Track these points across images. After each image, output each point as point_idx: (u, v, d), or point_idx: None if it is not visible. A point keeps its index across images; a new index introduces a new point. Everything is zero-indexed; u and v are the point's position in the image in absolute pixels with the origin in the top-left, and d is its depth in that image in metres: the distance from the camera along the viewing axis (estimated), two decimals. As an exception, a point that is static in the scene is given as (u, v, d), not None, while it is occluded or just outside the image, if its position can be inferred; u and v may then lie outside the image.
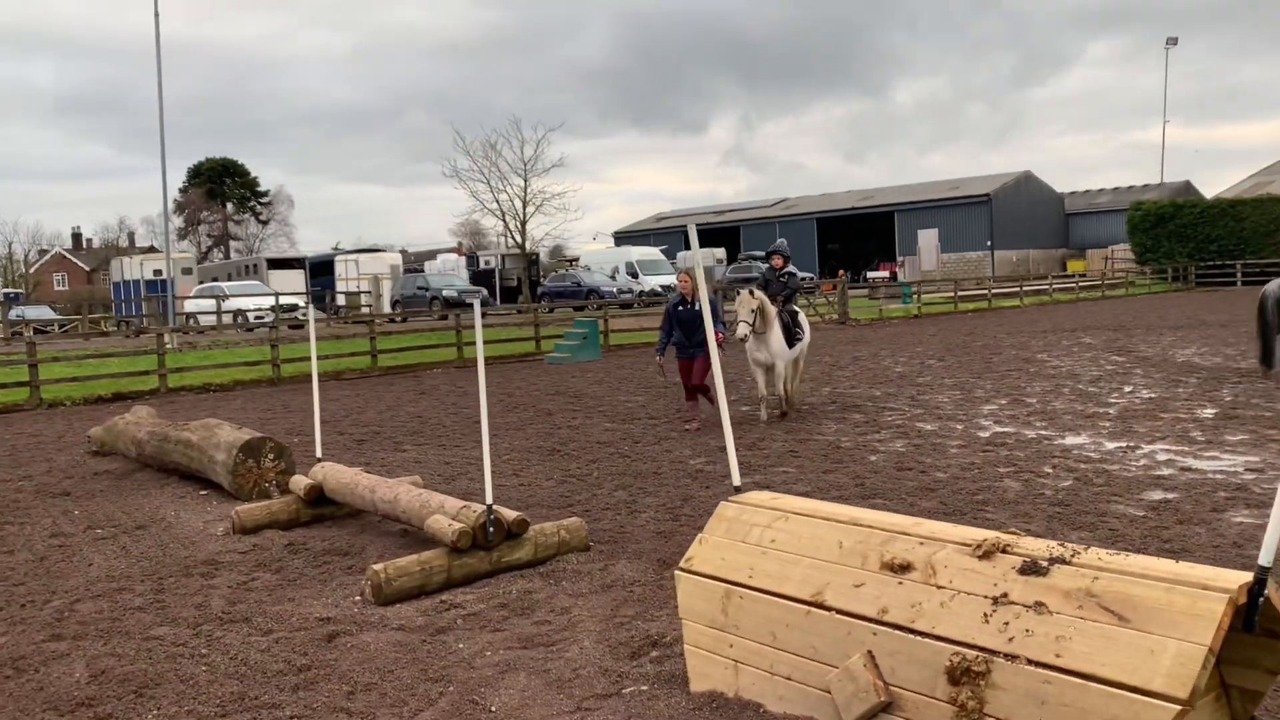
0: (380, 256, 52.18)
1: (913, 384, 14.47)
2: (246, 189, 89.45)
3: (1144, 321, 25.80)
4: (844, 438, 10.13)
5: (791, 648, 3.73)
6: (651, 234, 71.00)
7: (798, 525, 3.98)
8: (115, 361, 19.96)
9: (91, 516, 8.07)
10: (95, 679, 4.59)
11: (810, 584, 3.75)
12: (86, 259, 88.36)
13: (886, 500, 7.21)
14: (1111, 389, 12.96)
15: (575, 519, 6.50)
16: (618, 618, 5.08)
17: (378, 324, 23.95)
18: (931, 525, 3.78)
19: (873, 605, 3.54)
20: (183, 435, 9.15)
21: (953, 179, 65.74)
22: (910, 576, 3.54)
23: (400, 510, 6.44)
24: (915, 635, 3.39)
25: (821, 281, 44.31)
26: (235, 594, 5.81)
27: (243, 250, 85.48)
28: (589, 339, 22.05)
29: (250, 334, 31.59)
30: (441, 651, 4.74)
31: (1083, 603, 3.13)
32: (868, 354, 19.82)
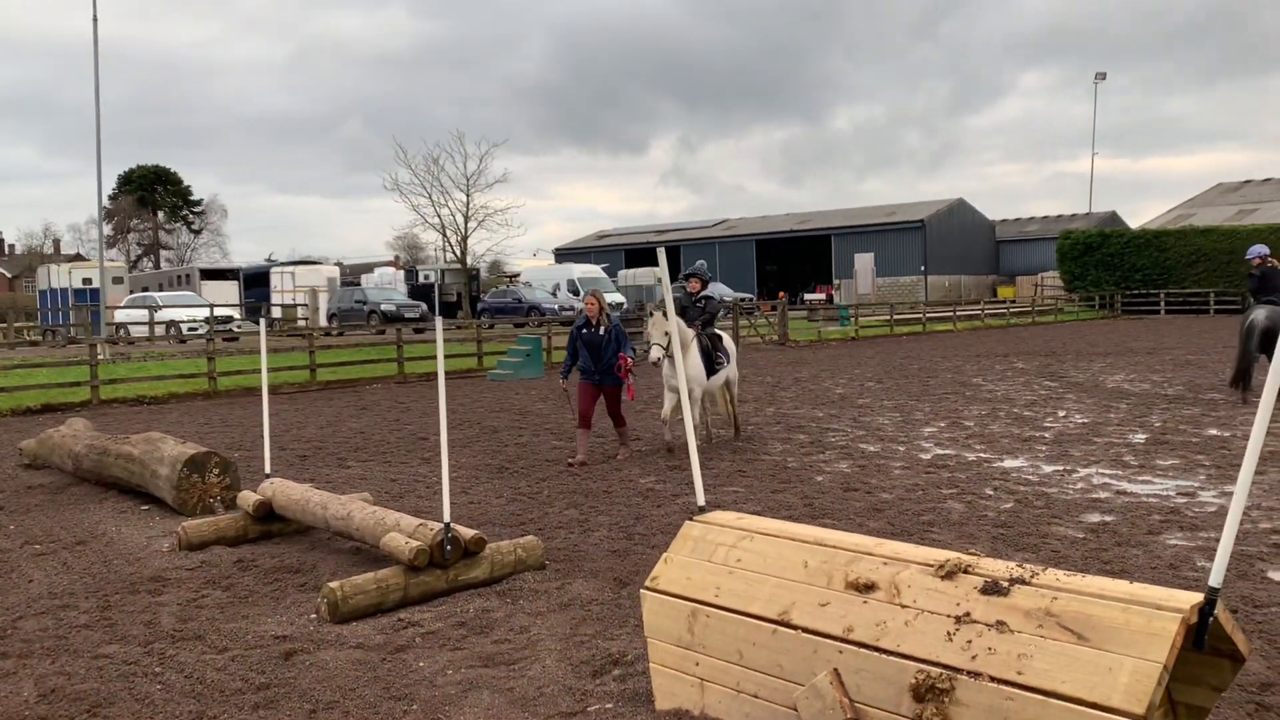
0: (317, 269, 51.55)
1: (854, 405, 14.72)
2: (178, 197, 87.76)
3: (1073, 348, 26.52)
4: (790, 458, 10.27)
5: (758, 666, 3.80)
6: (592, 251, 71.16)
7: (763, 545, 4.06)
8: (44, 372, 19.44)
9: (28, 531, 7.87)
10: (45, 698, 4.49)
11: (777, 603, 3.83)
12: (9, 265, 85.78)
13: (835, 520, 7.35)
14: (1046, 413, 13.32)
15: (531, 538, 6.51)
16: (578, 636, 5.11)
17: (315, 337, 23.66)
18: (894, 546, 3.89)
19: (839, 624, 3.63)
20: (124, 449, 8.97)
21: (889, 204, 67.02)
22: (875, 596, 3.64)
23: (354, 528, 6.40)
24: (880, 653, 3.48)
25: (761, 302, 44.78)
26: (185, 611, 5.72)
27: (173, 260, 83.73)
28: (532, 356, 22.03)
29: (184, 346, 30.95)
30: (402, 670, 4.73)
31: (1043, 622, 3.25)
32: (808, 375, 20.09)
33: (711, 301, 11.40)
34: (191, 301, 38.72)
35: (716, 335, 11.30)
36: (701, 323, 11.12)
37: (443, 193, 52.33)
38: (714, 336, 11.24)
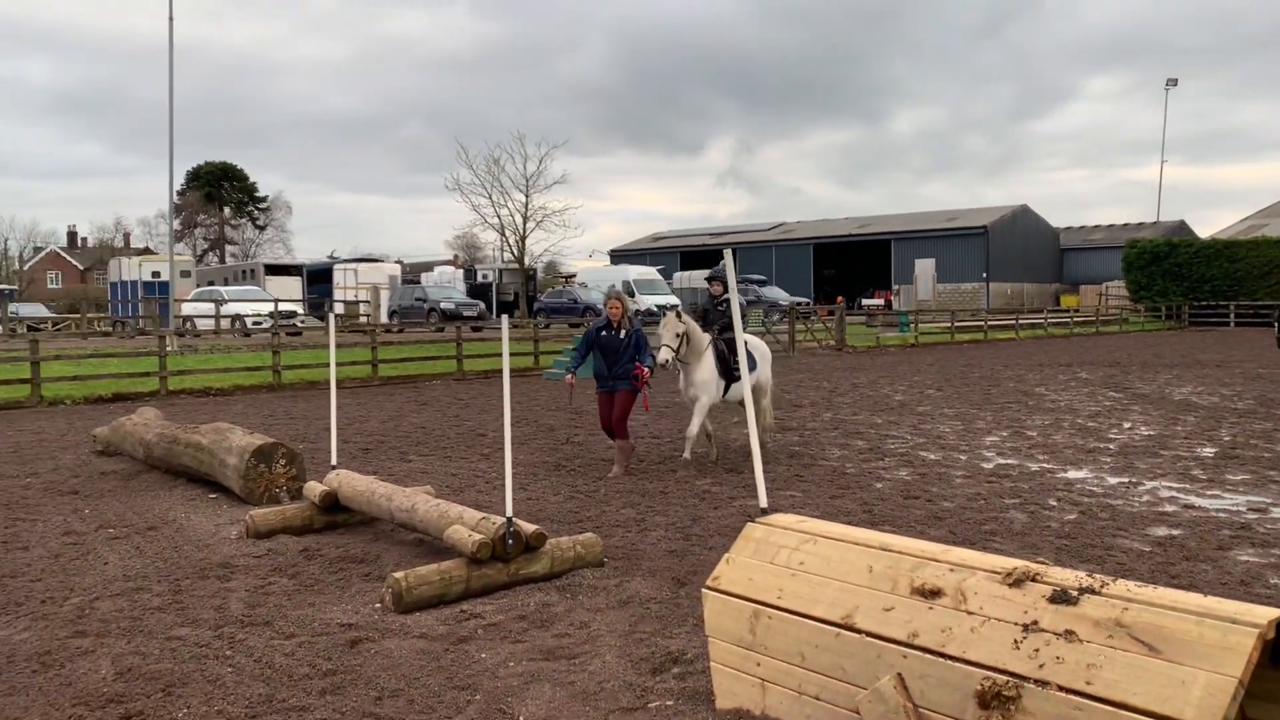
0: (379, 266, 52.25)
1: (913, 412, 14.59)
2: (244, 194, 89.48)
3: (1139, 359, 26.01)
4: (848, 464, 10.22)
5: (820, 668, 3.81)
6: (648, 253, 71.24)
7: (827, 548, 4.07)
8: (115, 362, 19.97)
9: (102, 516, 8.10)
10: (122, 676, 4.64)
11: (840, 606, 3.83)
12: (81, 258, 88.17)
13: (895, 527, 7.30)
14: (1110, 425, 13.09)
15: (590, 535, 6.57)
16: (637, 633, 5.14)
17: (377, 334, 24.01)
18: (960, 552, 3.87)
19: (903, 629, 3.62)
20: (193, 438, 9.19)
21: (950, 210, 66.19)
22: (940, 602, 3.62)
23: (418, 519, 6.51)
24: (946, 659, 3.47)
25: (818, 307, 44.53)
26: (253, 597, 5.86)
27: (238, 255, 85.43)
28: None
29: (248, 339, 31.58)
30: (465, 660, 4.80)
31: (1113, 632, 3.21)
32: (866, 381, 19.95)
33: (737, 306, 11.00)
34: (256, 296, 39.49)
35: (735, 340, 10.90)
36: (720, 327, 10.40)
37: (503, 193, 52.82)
38: (732, 340, 10.14)
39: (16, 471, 10.20)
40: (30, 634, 5.25)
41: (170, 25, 26.54)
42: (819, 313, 39.51)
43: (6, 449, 11.78)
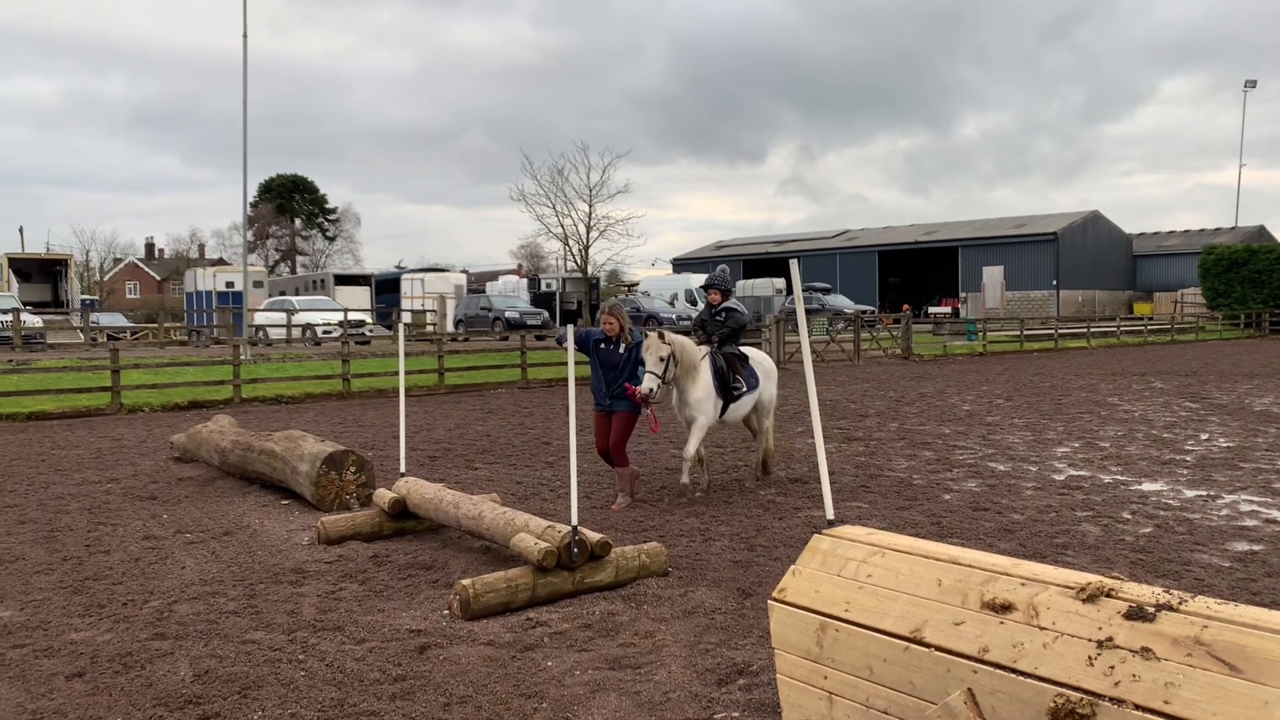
0: (445, 276, 52.94)
1: (982, 423, 14.37)
2: (315, 205, 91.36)
3: (1216, 368, 25.30)
4: (915, 475, 10.10)
5: (889, 682, 3.77)
6: (710, 261, 71.16)
7: (895, 561, 4.03)
8: (191, 370, 20.49)
9: (179, 521, 8.32)
10: (199, 678, 4.76)
11: (909, 620, 3.78)
12: (158, 269, 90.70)
13: (964, 540, 7.20)
14: (1187, 435, 12.75)
15: (655, 544, 6.58)
16: (702, 644, 5.14)
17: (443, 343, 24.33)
18: (1032, 566, 3.80)
19: (973, 644, 3.57)
20: (266, 445, 9.40)
21: (1019, 216, 65.13)
22: (1012, 616, 3.57)
23: (485, 527, 6.58)
24: (1017, 675, 3.41)
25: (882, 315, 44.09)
26: (325, 602, 5.97)
27: (309, 265, 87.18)
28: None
29: (319, 348, 32.22)
30: (531, 668, 4.84)
31: (1192, 650, 3.13)
32: (933, 390, 19.69)
33: (735, 315, 9.46)
34: (326, 306, 40.23)
35: (739, 355, 9.47)
36: (720, 339, 9.35)
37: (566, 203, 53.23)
38: (734, 356, 9.36)
39: (99, 477, 10.52)
40: (112, 635, 5.41)
41: (245, 42, 27.22)
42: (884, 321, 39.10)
43: (89, 455, 12.16)
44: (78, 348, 32.90)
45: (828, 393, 19.16)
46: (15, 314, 33.33)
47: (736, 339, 9.52)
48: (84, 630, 5.52)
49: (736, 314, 9.50)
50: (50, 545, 7.52)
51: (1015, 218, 65.13)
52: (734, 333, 9.44)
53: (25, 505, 9.04)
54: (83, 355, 27.00)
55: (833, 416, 15.16)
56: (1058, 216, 62.14)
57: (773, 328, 27.22)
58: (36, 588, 6.38)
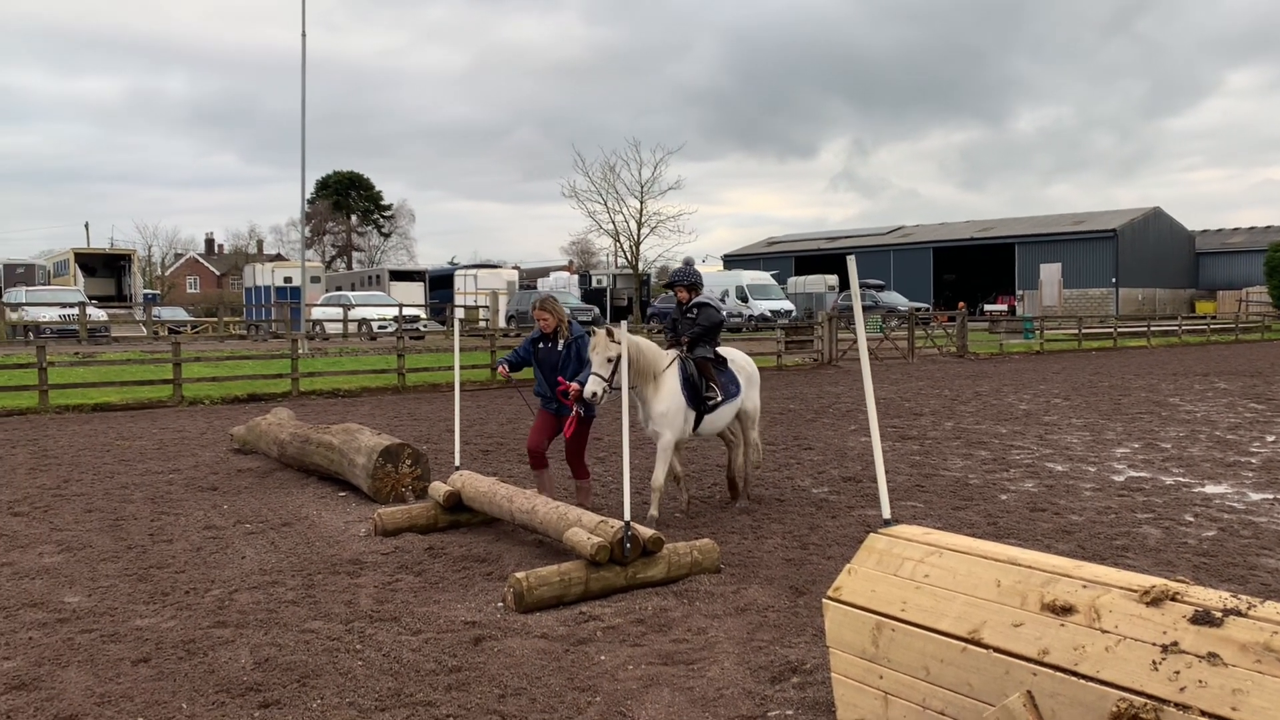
0: (498, 272, 53.36)
1: (1039, 422, 14.15)
2: (370, 202, 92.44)
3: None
4: (971, 475, 9.98)
5: (946, 683, 3.73)
6: (762, 258, 70.88)
7: (953, 561, 3.98)
8: (250, 364, 20.87)
9: (239, 512, 8.48)
10: (260, 666, 4.85)
11: (967, 621, 3.74)
12: (218, 264, 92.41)
13: (1021, 540, 7.10)
14: (1252, 437, 12.45)
15: (707, 540, 6.58)
16: (755, 641, 5.13)
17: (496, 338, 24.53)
18: (1093, 568, 3.74)
19: (1033, 646, 3.53)
20: (324, 438, 9.54)
21: (1077, 213, 64.04)
22: (1073, 619, 3.51)
23: (538, 521, 6.62)
24: (1078, 678, 3.36)
25: (937, 313, 43.58)
26: (381, 593, 6.05)
27: (364, 261, 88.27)
28: (703, 362, 22.14)
29: (374, 343, 32.63)
30: (584, 662, 4.87)
31: (1261, 657, 3.06)
32: (989, 389, 19.43)
33: (707, 311, 8.25)
34: (381, 301, 40.75)
35: (718, 357, 8.25)
36: (691, 339, 8.14)
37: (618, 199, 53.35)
38: (708, 360, 8.11)
39: (161, 467, 10.75)
40: (175, 623, 5.54)
41: (303, 42, 27.62)
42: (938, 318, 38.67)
43: (152, 446, 12.43)
44: (141, 341, 33.64)
45: (881, 391, 18.99)
46: (81, 308, 34.20)
47: (712, 339, 8.23)
48: (149, 617, 5.65)
49: (709, 309, 8.26)
50: (116, 534, 7.71)
51: (1074, 214, 64.03)
52: (707, 331, 8.17)
53: (92, 494, 9.27)
54: (145, 348, 27.61)
55: (887, 415, 15.03)
56: (1117, 213, 60.99)
57: (824, 325, 27.04)
58: (103, 575, 6.54)
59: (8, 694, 4.55)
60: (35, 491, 9.42)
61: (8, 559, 6.96)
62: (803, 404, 16.78)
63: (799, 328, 31.27)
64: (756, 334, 34.38)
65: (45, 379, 16.43)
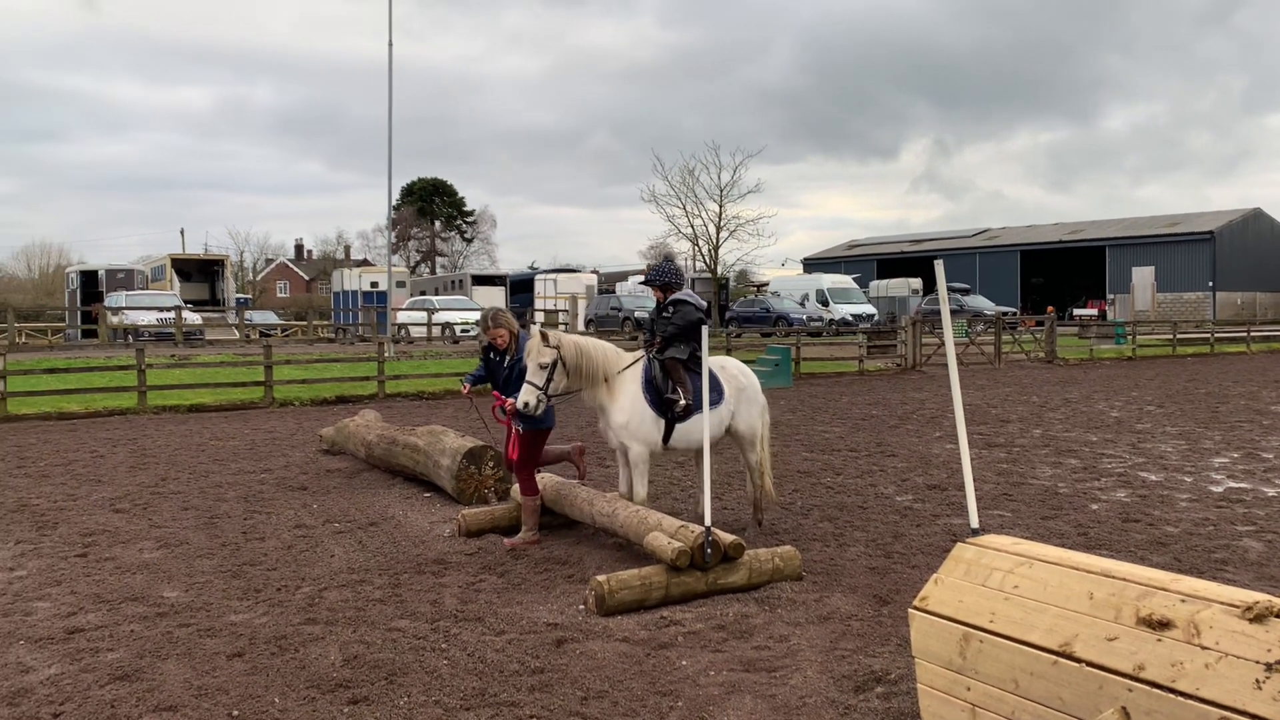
0: (577, 277, 53.73)
1: (1132, 430, 13.74)
2: (454, 208, 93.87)
3: (1395, 376, 23.55)
4: (1060, 483, 9.73)
5: (1035, 697, 3.65)
6: (842, 262, 70.16)
7: (1043, 572, 3.90)
8: (338, 366, 21.36)
9: (328, 511, 8.68)
10: (349, 663, 4.96)
11: (1058, 634, 3.66)
12: (306, 269, 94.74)
13: (1114, 552, 6.90)
14: (1361, 448, 11.92)
15: (789, 547, 6.53)
16: (838, 650, 5.08)
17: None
18: (1191, 582, 3.63)
19: (1128, 661, 3.43)
20: (410, 440, 9.72)
21: (1172, 214, 62.08)
22: (1170, 634, 3.41)
23: (618, 525, 6.65)
24: (1176, 695, 3.26)
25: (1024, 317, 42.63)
26: (465, 594, 6.14)
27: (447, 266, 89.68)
28: (781, 366, 22.00)
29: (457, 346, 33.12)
30: (666, 666, 4.88)
31: (1373, 678, 2.94)
32: (1079, 396, 18.94)
33: (684, 309, 7.43)
34: (464, 305, 41.34)
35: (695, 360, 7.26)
36: (664, 339, 7.37)
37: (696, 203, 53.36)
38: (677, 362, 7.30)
39: (253, 467, 11.06)
40: (268, 619, 5.69)
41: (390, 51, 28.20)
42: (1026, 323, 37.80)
43: (244, 446, 12.80)
44: (233, 344, 34.69)
45: (967, 397, 18.64)
46: (177, 311, 35.38)
47: (689, 339, 7.31)
48: (242, 613, 5.82)
49: (686, 307, 7.46)
50: (210, 531, 7.96)
51: (1168, 216, 62.09)
52: (682, 331, 7.33)
53: (188, 493, 9.59)
54: (238, 351, 28.45)
55: (973, 421, 14.74)
56: (1215, 214, 58.95)
57: (908, 329, 26.65)
58: (199, 571, 6.76)
59: (112, 684, 4.73)
60: (135, 489, 9.77)
61: (110, 554, 7.24)
62: (886, 410, 16.56)
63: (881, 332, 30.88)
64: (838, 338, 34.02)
65: (144, 380, 17.04)
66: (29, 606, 5.97)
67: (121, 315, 36.52)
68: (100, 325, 35.94)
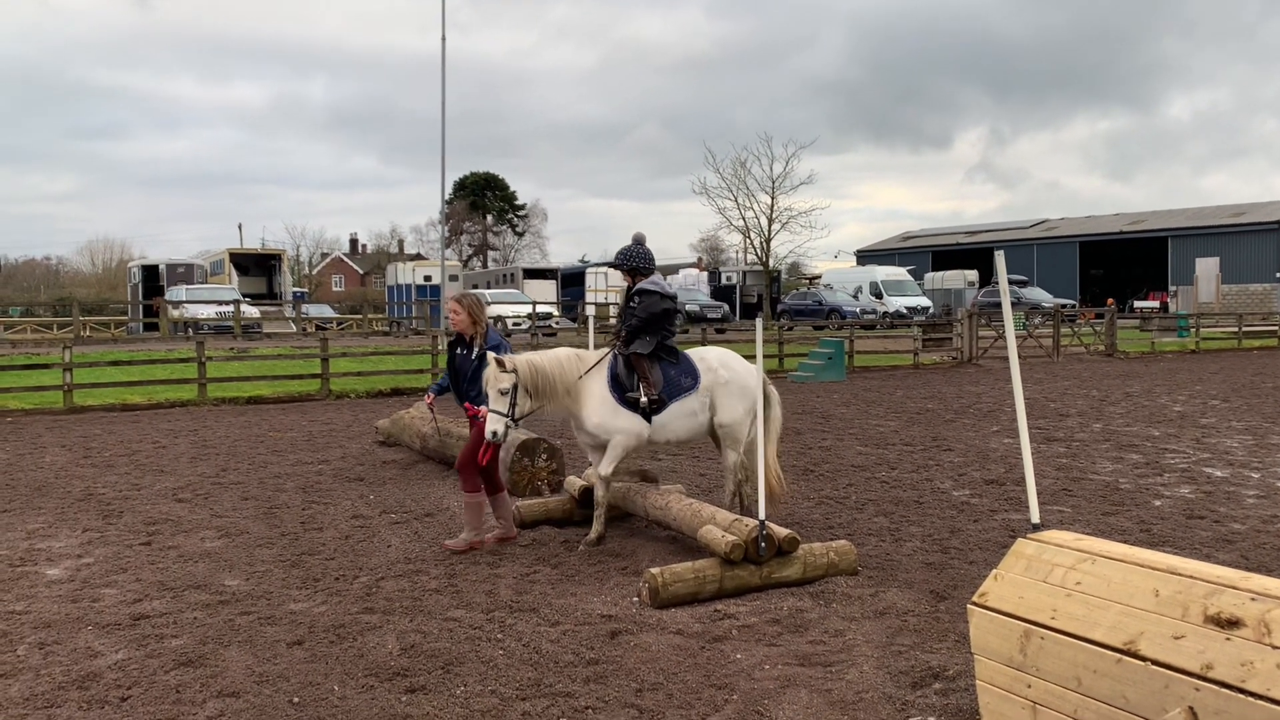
0: (628, 270, 53.70)
1: (1195, 425, 13.44)
2: (505, 202, 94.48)
3: None
4: (1122, 479, 9.55)
5: (1099, 695, 3.59)
6: (896, 253, 69.44)
7: (1106, 569, 3.82)
8: (393, 359, 21.59)
9: (384, 502, 8.78)
10: (406, 652, 5.02)
11: (1122, 631, 3.59)
12: (361, 263, 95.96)
13: (1177, 549, 6.76)
14: None
15: (844, 542, 6.48)
16: (895, 645, 5.03)
17: (627, 335, 24.88)
18: (1262, 580, 3.53)
19: (1195, 660, 3.35)
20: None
21: (1237, 204, 60.56)
22: (1240, 633, 3.33)
23: (671, 518, 6.65)
24: (1246, 695, 3.18)
25: (1084, 309, 41.87)
26: (520, 584, 6.18)
27: (499, 260, 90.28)
28: (834, 359, 21.83)
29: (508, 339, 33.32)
30: (720, 660, 4.87)
31: None
32: (1140, 390, 18.56)
33: (648, 299, 7.01)
34: (516, 299, 41.61)
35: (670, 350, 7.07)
36: (628, 333, 7.01)
37: (748, 195, 53.10)
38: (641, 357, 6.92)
39: (311, 458, 11.23)
40: (326, 608, 5.78)
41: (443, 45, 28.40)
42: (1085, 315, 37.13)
43: (301, 438, 12.99)
44: (290, 337, 35.23)
45: (1026, 391, 18.21)
46: (236, 305, 36.02)
47: (655, 330, 6.98)
48: (302, 601, 5.91)
49: (651, 297, 7.01)
50: (270, 521, 8.09)
51: (1232, 205, 60.58)
52: (646, 323, 6.94)
53: (247, 483, 9.76)
54: (295, 344, 28.89)
55: (1031, 415, 14.44)
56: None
57: (964, 322, 26.30)
58: (259, 560, 6.88)
59: (176, 670, 4.83)
60: (196, 479, 9.97)
61: (173, 542, 7.39)
62: (941, 404, 16.37)
63: (937, 325, 30.51)
64: (892, 331, 33.68)
65: (204, 373, 17.38)
66: (96, 593, 6.12)
67: (182, 309, 37.27)
68: (161, 319, 36.69)
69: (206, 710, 4.37)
